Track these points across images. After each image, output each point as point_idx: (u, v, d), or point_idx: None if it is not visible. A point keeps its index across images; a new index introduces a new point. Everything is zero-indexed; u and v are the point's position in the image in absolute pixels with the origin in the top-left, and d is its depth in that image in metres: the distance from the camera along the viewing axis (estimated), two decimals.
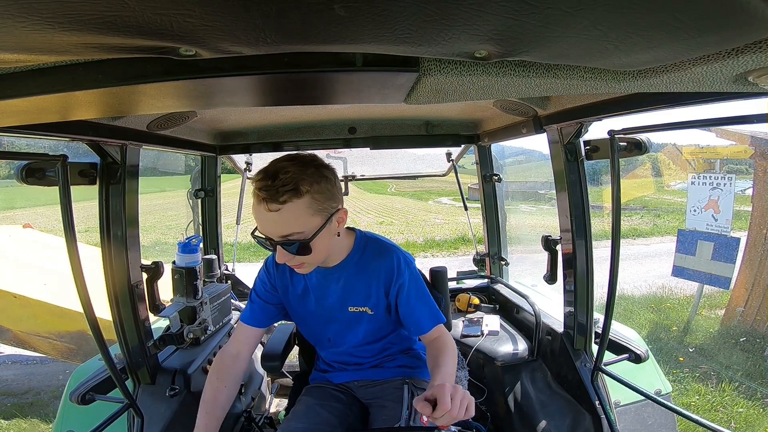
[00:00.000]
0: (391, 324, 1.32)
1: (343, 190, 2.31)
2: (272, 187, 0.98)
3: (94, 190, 1.24)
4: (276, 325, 1.67)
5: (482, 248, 2.46)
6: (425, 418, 1.23)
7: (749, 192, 5.87)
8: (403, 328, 1.38)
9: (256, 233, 1.08)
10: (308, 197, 1.01)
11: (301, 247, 1.04)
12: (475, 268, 2.49)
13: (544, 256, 1.62)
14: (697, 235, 4.66)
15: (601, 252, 1.36)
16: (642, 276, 7.22)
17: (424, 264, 1.77)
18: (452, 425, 0.90)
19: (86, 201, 1.65)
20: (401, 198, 27.66)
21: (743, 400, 3.53)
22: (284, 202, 0.98)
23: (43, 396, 3.86)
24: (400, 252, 1.27)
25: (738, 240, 4.43)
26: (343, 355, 1.38)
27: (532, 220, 13.10)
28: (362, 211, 20.37)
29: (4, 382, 4.13)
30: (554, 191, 1.48)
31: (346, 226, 1.22)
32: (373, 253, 1.25)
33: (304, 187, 1.00)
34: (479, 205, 2.46)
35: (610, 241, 1.23)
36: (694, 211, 4.77)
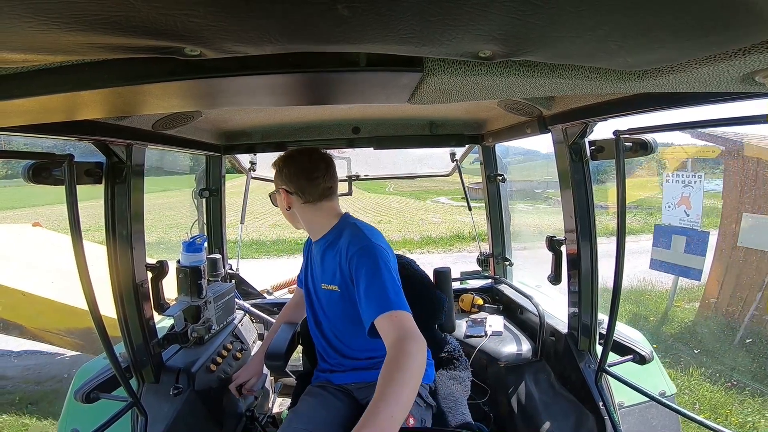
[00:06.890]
0: None
1: (348, 190, 2.42)
2: None
3: (95, 189, 1.25)
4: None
5: (486, 248, 2.45)
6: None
7: (717, 188, 6.12)
8: None
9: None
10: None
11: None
12: (479, 269, 2.48)
13: (547, 256, 1.61)
14: (672, 230, 4.88)
15: (600, 249, 1.39)
16: (627, 271, 7.24)
17: (420, 261, 1.76)
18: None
19: (91, 200, 1.66)
20: (399, 197, 27.65)
21: (708, 384, 3.85)
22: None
23: (65, 383, 3.92)
24: (373, 240, 1.23)
25: (707, 234, 4.69)
26: (337, 348, 1.40)
27: (531, 220, 13.10)
28: (360, 211, 20.42)
29: (26, 371, 4.26)
30: (552, 191, 1.47)
31: (344, 212, 1.39)
32: (347, 235, 1.28)
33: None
34: (480, 205, 2.45)
35: (607, 240, 1.22)
36: (669, 207, 5.01)
